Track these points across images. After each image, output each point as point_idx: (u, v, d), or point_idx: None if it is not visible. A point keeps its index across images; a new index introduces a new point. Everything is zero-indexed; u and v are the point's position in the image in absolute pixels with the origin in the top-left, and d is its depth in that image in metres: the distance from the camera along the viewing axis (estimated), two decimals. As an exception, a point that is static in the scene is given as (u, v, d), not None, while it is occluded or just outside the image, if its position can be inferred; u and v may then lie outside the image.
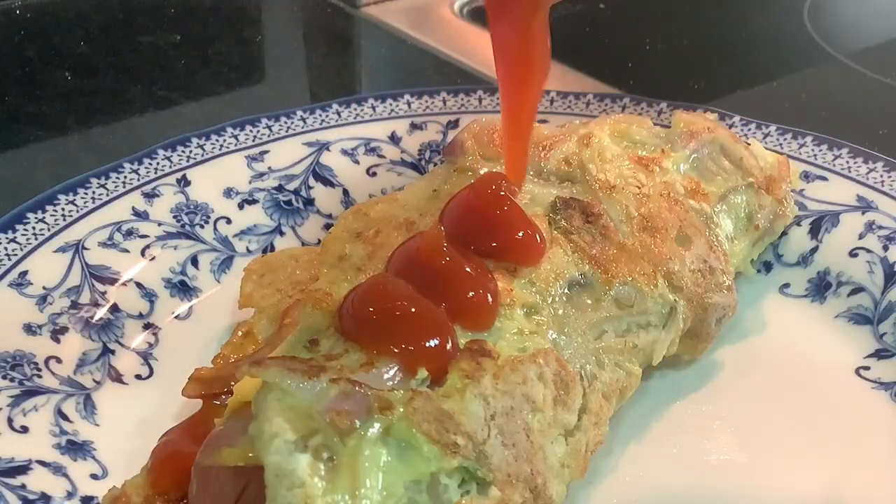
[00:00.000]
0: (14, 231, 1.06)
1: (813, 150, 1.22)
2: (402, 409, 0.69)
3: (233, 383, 0.91)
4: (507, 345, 0.79)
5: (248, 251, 1.16)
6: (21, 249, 1.05)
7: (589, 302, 0.88)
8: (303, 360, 0.71)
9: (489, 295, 0.80)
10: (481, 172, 1.00)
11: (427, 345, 0.73)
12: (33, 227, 1.08)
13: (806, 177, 1.19)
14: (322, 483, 0.65)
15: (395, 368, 0.72)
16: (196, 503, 0.74)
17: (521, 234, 0.86)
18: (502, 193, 0.87)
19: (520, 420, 0.75)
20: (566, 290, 0.87)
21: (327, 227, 1.21)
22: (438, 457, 0.68)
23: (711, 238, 1.00)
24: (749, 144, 1.12)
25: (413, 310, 0.74)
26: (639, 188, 0.99)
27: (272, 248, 1.17)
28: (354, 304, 0.75)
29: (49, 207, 1.11)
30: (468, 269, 0.80)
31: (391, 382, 0.71)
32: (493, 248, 0.85)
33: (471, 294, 0.79)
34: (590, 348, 0.86)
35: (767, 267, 1.14)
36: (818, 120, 1.27)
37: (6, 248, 1.04)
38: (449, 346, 0.74)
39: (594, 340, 0.87)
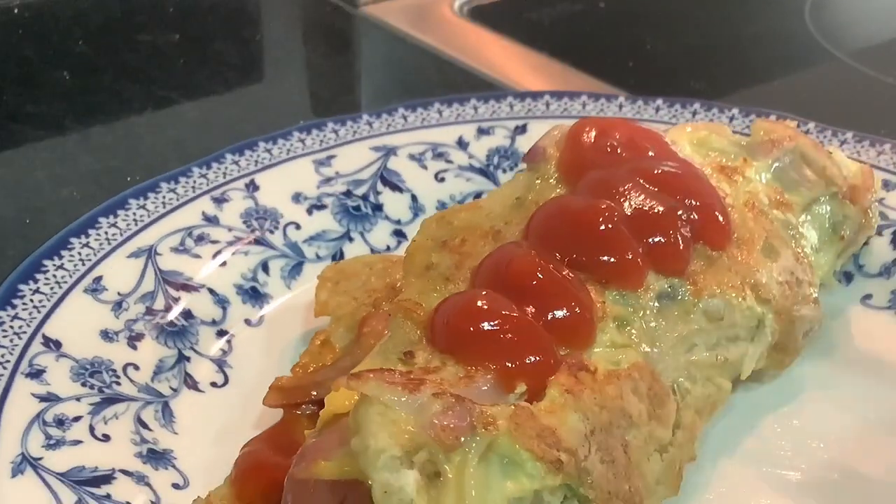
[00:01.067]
0: (87, 236, 1.06)
1: (892, 157, 1.20)
2: (505, 425, 0.67)
3: (314, 393, 0.90)
4: (600, 358, 0.77)
5: (318, 257, 1.15)
6: (95, 255, 1.04)
7: (678, 315, 0.86)
8: (402, 374, 0.70)
9: (588, 313, 0.78)
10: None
11: (529, 361, 0.72)
12: (106, 232, 1.07)
13: (885, 185, 1.16)
14: (429, 500, 0.63)
15: (494, 383, 0.70)
16: None
17: (628, 255, 0.83)
18: (610, 209, 0.85)
19: (618, 436, 0.73)
20: (656, 303, 0.85)
21: (396, 233, 1.20)
22: (542, 474, 0.67)
23: (797, 249, 0.98)
24: (831, 153, 1.10)
25: (516, 326, 0.72)
26: (723, 198, 0.96)
27: (342, 255, 1.16)
28: (452, 318, 0.74)
29: (121, 212, 1.10)
30: (566, 286, 0.78)
31: (490, 397, 0.70)
32: (591, 264, 0.82)
33: (569, 312, 0.77)
34: (681, 362, 0.84)
35: (848, 277, 1.11)
36: (819, 119, 1.27)
37: (80, 253, 1.04)
38: (552, 362, 0.73)
39: (685, 354, 0.85)
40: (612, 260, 0.83)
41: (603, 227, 0.84)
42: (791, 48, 1.83)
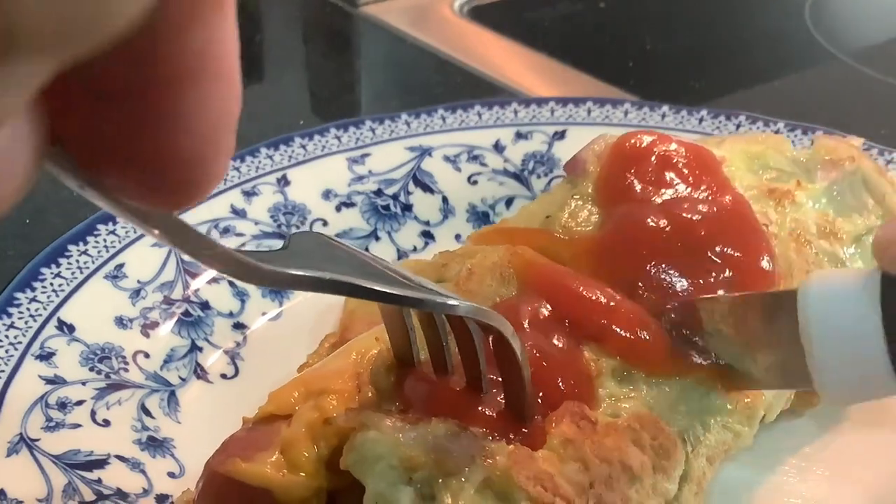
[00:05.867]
0: (115, 223, 1.08)
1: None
2: (503, 461, 0.67)
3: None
4: (600, 411, 0.75)
5: (343, 255, 1.15)
6: (120, 242, 1.06)
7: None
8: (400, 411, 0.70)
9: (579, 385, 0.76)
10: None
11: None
12: (133, 220, 1.08)
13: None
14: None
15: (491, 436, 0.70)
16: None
17: (639, 335, 0.79)
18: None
19: (618, 490, 0.71)
20: None
21: (424, 234, 1.19)
22: None
23: (841, 284, 0.93)
24: (893, 180, 1.04)
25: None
26: (766, 226, 0.91)
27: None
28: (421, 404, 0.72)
29: (150, 201, 1.11)
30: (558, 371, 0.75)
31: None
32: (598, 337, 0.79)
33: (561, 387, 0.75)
34: (694, 408, 0.79)
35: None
36: (819, 120, 1.24)
37: (106, 240, 1.05)
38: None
39: (699, 399, 0.80)
40: (617, 336, 0.79)
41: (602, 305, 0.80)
42: (791, 48, 1.82)
